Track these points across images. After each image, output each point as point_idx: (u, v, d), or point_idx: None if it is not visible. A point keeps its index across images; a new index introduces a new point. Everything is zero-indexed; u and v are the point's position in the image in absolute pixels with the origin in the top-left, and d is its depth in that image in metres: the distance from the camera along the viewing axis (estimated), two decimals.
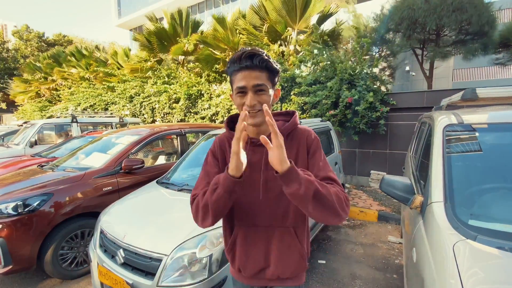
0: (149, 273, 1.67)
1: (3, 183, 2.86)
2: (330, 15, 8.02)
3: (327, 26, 8.37)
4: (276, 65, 0.92)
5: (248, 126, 0.92)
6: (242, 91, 0.87)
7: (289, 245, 1.00)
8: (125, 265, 1.79)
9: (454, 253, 1.04)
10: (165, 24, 10.09)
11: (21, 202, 2.46)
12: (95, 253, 2.02)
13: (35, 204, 2.51)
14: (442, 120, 1.72)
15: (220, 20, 8.58)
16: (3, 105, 24.79)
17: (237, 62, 0.87)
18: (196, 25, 10.35)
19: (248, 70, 0.86)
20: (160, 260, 1.66)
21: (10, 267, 2.39)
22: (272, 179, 0.94)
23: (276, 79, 0.95)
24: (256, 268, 1.03)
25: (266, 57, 0.88)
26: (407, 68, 13.35)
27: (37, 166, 3.54)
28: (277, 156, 0.75)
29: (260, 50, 0.89)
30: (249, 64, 0.85)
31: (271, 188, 0.97)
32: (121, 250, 1.83)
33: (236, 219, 1.03)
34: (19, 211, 2.44)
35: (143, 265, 1.71)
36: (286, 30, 7.58)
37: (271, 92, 0.91)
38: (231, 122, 1.07)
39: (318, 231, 3.22)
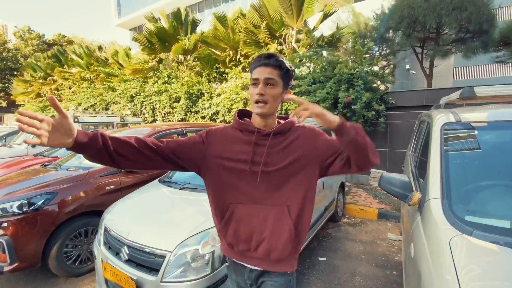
0: (153, 269, 1.71)
1: (8, 183, 2.90)
2: (330, 14, 8.02)
3: (328, 25, 8.37)
4: (290, 66, 1.05)
5: (256, 116, 1.07)
6: (256, 83, 1.03)
7: (282, 223, 1.05)
8: (129, 261, 1.82)
9: (450, 248, 1.07)
10: (164, 24, 10.12)
11: (25, 201, 2.50)
12: (100, 250, 2.06)
13: (39, 203, 2.55)
14: (440, 118, 1.75)
15: (221, 19, 8.58)
16: (4, 104, 24.87)
17: (258, 60, 1.04)
18: (194, 23, 10.38)
19: (264, 66, 1.02)
20: (163, 257, 1.69)
21: (16, 264, 2.43)
22: (270, 167, 1.04)
23: (289, 81, 1.08)
24: (247, 244, 1.08)
25: (281, 59, 1.03)
26: (407, 66, 13.35)
27: (41, 166, 3.58)
28: (327, 117, 0.91)
29: (278, 54, 1.05)
30: (266, 62, 1.02)
31: (269, 173, 1.05)
32: (125, 247, 1.86)
33: (233, 198, 1.09)
34: (24, 209, 2.47)
35: (147, 261, 1.75)
36: (282, 29, 7.59)
37: (280, 89, 1.04)
38: (241, 114, 1.18)
39: (319, 229, 3.25)
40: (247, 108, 1.11)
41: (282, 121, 1.12)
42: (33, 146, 5.97)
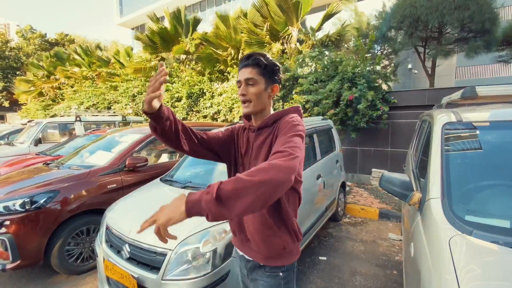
0: (154, 267, 1.72)
1: (10, 181, 2.92)
2: (333, 14, 7.98)
3: (329, 26, 8.34)
4: (269, 62, 1.07)
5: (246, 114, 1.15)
6: (239, 85, 1.09)
7: (262, 224, 1.04)
8: (131, 259, 1.84)
9: (450, 247, 1.07)
10: (166, 23, 10.11)
11: (28, 199, 2.52)
12: (101, 248, 2.07)
13: (41, 201, 2.57)
14: (441, 118, 1.74)
15: (224, 18, 8.56)
16: (6, 103, 25.02)
17: (240, 62, 1.10)
18: (196, 22, 10.36)
19: (245, 67, 1.07)
20: (164, 255, 1.70)
21: (18, 262, 2.45)
22: (251, 162, 1.11)
23: (272, 76, 1.09)
24: (245, 235, 1.14)
25: (258, 56, 1.06)
26: (409, 66, 13.31)
27: (43, 164, 3.60)
28: (164, 222, 0.73)
29: (259, 52, 1.09)
30: (246, 63, 1.07)
31: (249, 167, 1.10)
32: (126, 245, 1.88)
33: None
34: (27, 208, 2.49)
35: (148, 259, 1.76)
36: (286, 29, 7.57)
37: (263, 85, 1.07)
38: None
39: (319, 229, 3.25)
40: None
41: None
42: (36, 144, 6.00)
